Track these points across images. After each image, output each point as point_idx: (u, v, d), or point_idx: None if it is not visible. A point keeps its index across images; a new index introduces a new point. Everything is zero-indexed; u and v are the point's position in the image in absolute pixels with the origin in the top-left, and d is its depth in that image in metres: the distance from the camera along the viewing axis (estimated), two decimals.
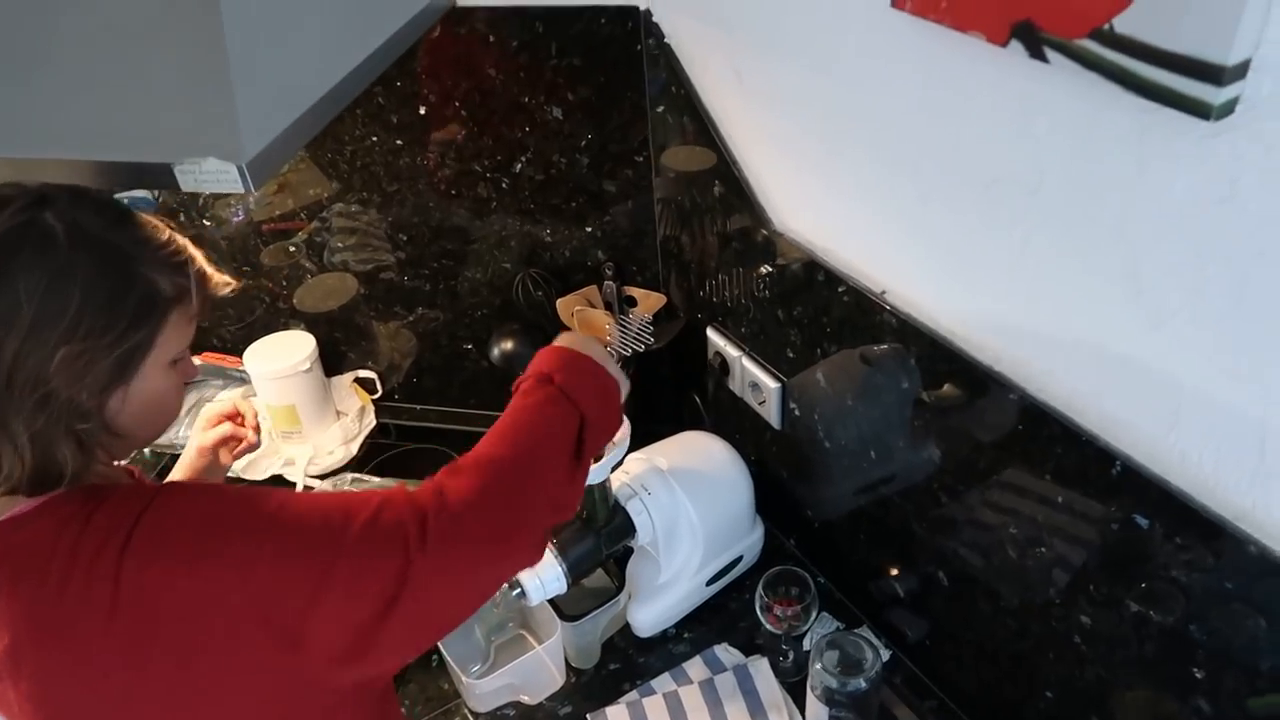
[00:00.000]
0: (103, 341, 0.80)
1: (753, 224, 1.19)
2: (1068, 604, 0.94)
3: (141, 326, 0.82)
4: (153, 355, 0.84)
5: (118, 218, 0.85)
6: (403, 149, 1.41)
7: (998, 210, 0.86)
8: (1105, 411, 0.84)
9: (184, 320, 0.87)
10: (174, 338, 0.86)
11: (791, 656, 1.26)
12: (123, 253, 0.82)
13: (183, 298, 0.86)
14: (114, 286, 0.81)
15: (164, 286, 0.84)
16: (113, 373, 0.81)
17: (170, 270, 0.85)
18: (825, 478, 1.27)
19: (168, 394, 0.88)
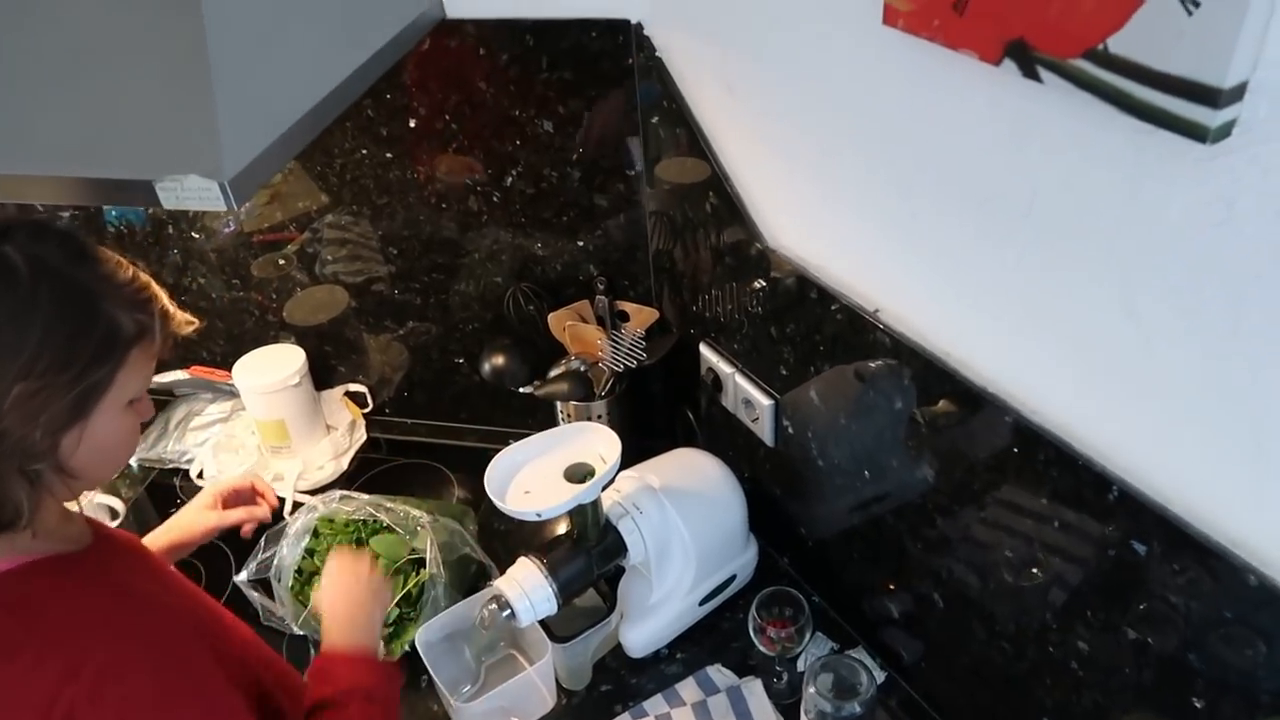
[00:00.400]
0: (60, 379, 0.77)
1: (745, 239, 1.18)
2: (1064, 628, 0.93)
3: (102, 365, 0.81)
4: (110, 395, 0.82)
5: (81, 253, 0.83)
6: (392, 162, 1.40)
7: (991, 229, 0.85)
8: (1102, 435, 0.82)
9: (144, 359, 0.85)
10: (133, 377, 0.84)
11: (786, 678, 1.24)
12: (86, 289, 0.81)
13: (144, 336, 0.84)
14: (76, 323, 0.79)
15: (126, 324, 0.82)
16: (69, 412, 0.79)
17: (133, 308, 0.83)
18: (819, 496, 1.25)
19: (123, 435, 0.86)
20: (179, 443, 1.67)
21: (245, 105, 0.87)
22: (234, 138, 0.85)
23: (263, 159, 0.88)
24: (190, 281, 1.65)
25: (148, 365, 0.87)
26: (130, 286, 0.85)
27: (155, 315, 0.86)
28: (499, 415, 1.66)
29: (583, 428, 1.17)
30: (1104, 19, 0.64)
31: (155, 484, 1.66)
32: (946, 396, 0.96)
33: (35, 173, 0.86)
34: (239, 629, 1.03)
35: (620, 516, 1.20)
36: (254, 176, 0.87)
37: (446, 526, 1.36)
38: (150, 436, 1.70)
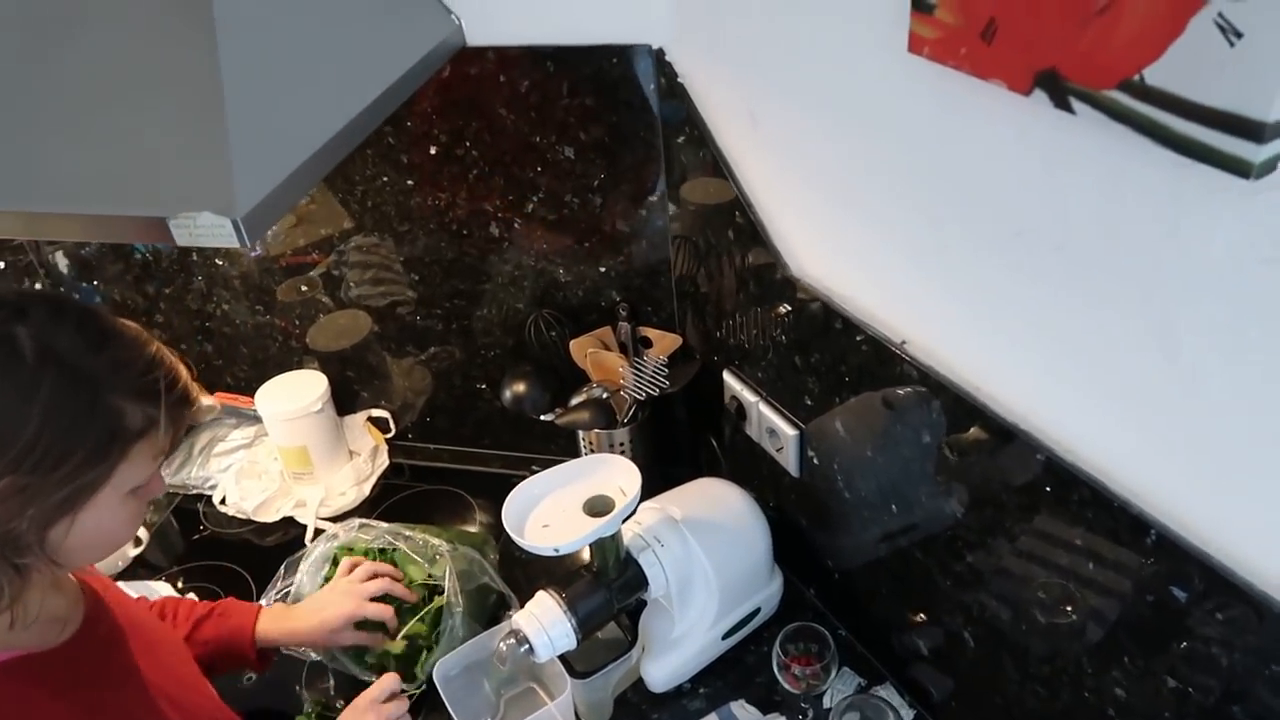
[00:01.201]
0: (52, 476, 0.74)
1: (769, 266, 1.15)
2: (1100, 672, 0.89)
3: (98, 463, 0.77)
4: (107, 489, 0.78)
5: (97, 339, 0.79)
6: (414, 189, 1.39)
7: (1022, 263, 0.82)
8: (1140, 477, 0.79)
9: (148, 453, 0.81)
10: (135, 471, 0.80)
11: (811, 715, 1.21)
12: (93, 379, 0.76)
13: (150, 431, 0.79)
14: (75, 416, 0.75)
15: (131, 418, 0.78)
16: (60, 507, 0.76)
17: (143, 399, 0.79)
18: (845, 528, 1.22)
19: (119, 525, 0.82)
20: (203, 469, 1.67)
21: (259, 141, 0.87)
22: (247, 174, 0.84)
23: (276, 195, 0.87)
24: (215, 308, 1.65)
25: (154, 459, 0.82)
26: (147, 376, 0.80)
27: (165, 409, 0.80)
28: (521, 441, 1.65)
29: (602, 460, 1.14)
30: (1140, 49, 0.61)
31: (179, 509, 1.66)
32: (976, 432, 0.93)
33: (48, 210, 0.86)
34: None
35: (641, 549, 1.18)
36: (268, 213, 0.86)
37: (466, 555, 1.35)
38: (175, 462, 1.70)
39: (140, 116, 0.86)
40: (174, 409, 0.82)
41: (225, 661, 1.17)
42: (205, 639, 1.15)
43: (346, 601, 1.20)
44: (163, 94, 0.87)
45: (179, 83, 0.86)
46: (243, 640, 1.17)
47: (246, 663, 1.19)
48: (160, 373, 0.81)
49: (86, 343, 0.78)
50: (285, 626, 1.19)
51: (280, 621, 1.20)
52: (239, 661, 1.19)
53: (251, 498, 1.58)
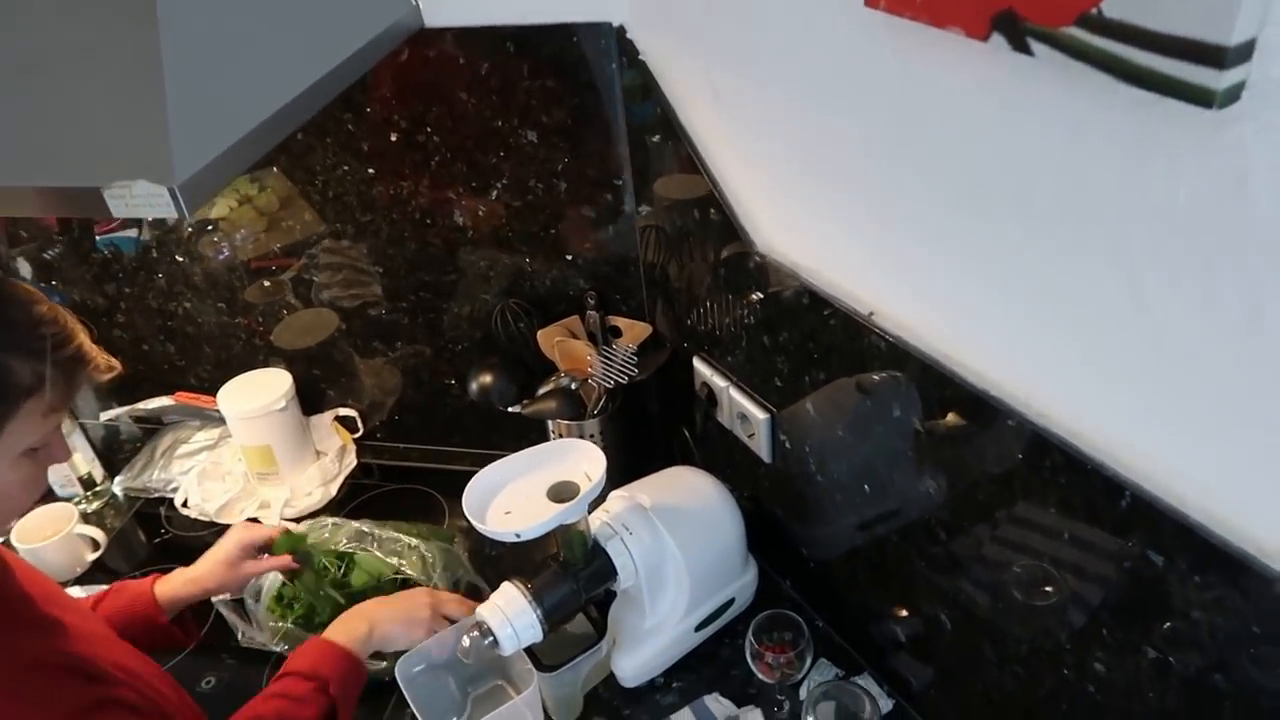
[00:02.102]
0: None
1: (736, 246, 1.13)
2: (1080, 650, 0.86)
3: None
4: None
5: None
6: (375, 178, 1.36)
7: (986, 220, 0.79)
8: (1112, 437, 0.76)
9: (43, 410, 0.81)
10: (28, 428, 0.80)
11: (787, 707, 1.17)
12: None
13: (38, 388, 0.79)
14: None
15: (19, 375, 0.78)
16: None
17: (31, 356, 0.79)
18: (819, 514, 1.19)
19: (14, 488, 0.82)
20: (164, 471, 1.63)
21: (199, 111, 0.84)
22: (185, 143, 0.81)
23: (216, 165, 0.84)
24: (177, 306, 1.61)
25: (50, 416, 0.82)
26: (34, 332, 0.80)
27: (59, 364, 0.81)
28: (492, 438, 1.61)
29: (568, 445, 1.11)
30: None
31: (140, 513, 1.62)
32: (947, 402, 0.90)
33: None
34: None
35: (609, 538, 1.14)
36: (207, 182, 0.83)
37: (438, 548, 1.31)
38: (136, 465, 1.66)
39: (75, 85, 0.83)
40: (65, 366, 0.81)
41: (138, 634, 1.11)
42: (106, 616, 1.11)
43: (232, 532, 1.25)
44: (99, 63, 0.83)
45: (116, 52, 0.83)
46: (146, 605, 1.15)
47: (160, 630, 1.16)
48: (48, 330, 0.81)
49: None
50: (184, 578, 1.19)
51: (178, 578, 1.20)
52: (153, 631, 1.15)
53: (214, 499, 1.54)
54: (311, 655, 1.06)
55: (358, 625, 1.11)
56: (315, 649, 1.07)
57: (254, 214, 1.50)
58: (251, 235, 1.51)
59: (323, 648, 1.07)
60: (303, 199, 1.44)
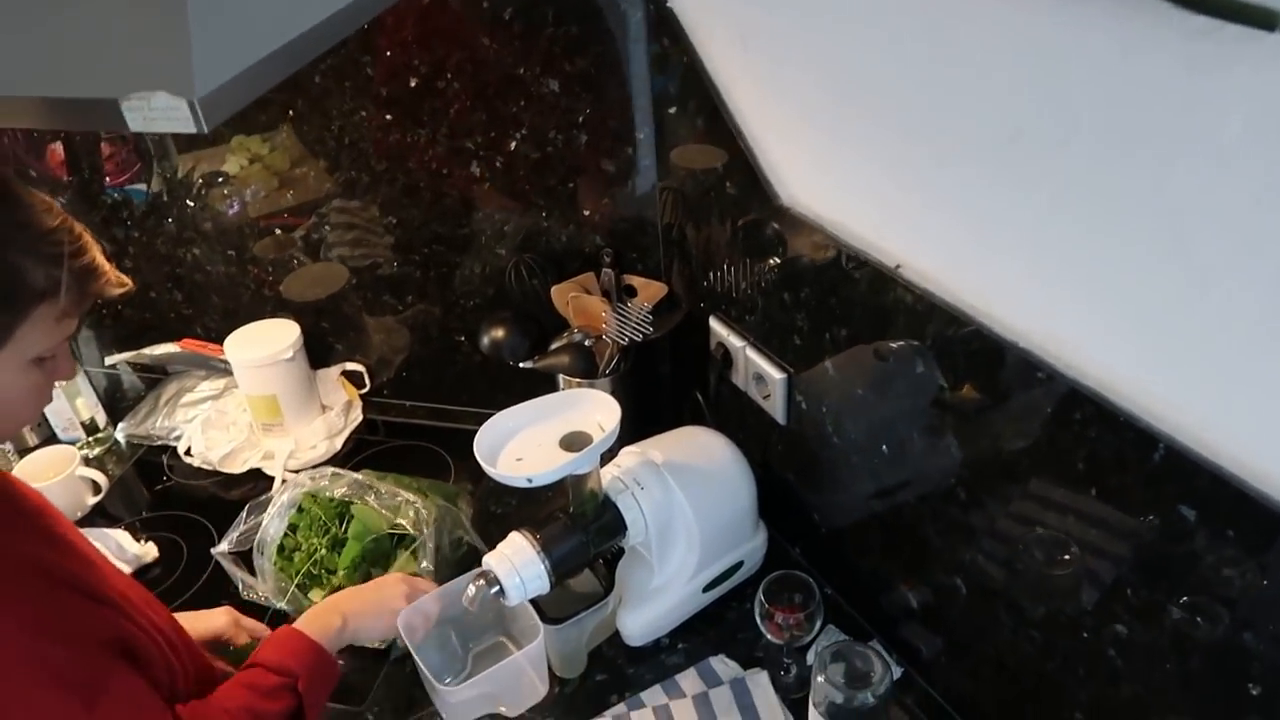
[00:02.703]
0: None
1: (759, 200, 1.11)
2: (1101, 613, 0.84)
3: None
4: (8, 350, 0.77)
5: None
6: (392, 124, 1.34)
7: (1022, 168, 0.77)
8: (1146, 390, 0.74)
9: (54, 316, 0.79)
10: (38, 335, 0.78)
11: (794, 671, 1.16)
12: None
13: (53, 293, 0.78)
14: None
15: (33, 276, 0.76)
16: None
17: (45, 261, 0.77)
18: (833, 478, 1.18)
19: (22, 393, 0.80)
20: (168, 419, 1.61)
21: (222, 26, 0.81)
22: (207, 58, 0.79)
23: (236, 84, 0.81)
24: (185, 253, 1.60)
25: (61, 323, 0.80)
26: (48, 237, 0.78)
27: (69, 272, 0.79)
28: (500, 398, 1.56)
29: (581, 394, 1.09)
30: None
31: (142, 461, 1.60)
32: (974, 356, 0.88)
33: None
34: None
35: (619, 492, 1.13)
36: (225, 101, 0.80)
37: (437, 505, 1.29)
38: (140, 413, 1.64)
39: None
40: (78, 275, 0.79)
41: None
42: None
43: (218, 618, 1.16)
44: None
45: None
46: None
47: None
48: (65, 237, 0.79)
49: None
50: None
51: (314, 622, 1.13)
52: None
53: (218, 448, 1.53)
54: (282, 647, 1.00)
55: (330, 619, 1.05)
56: (286, 641, 1.01)
57: (265, 173, 1.49)
58: (262, 192, 1.50)
59: (294, 640, 1.01)
60: (314, 158, 1.42)
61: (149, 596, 0.97)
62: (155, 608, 0.96)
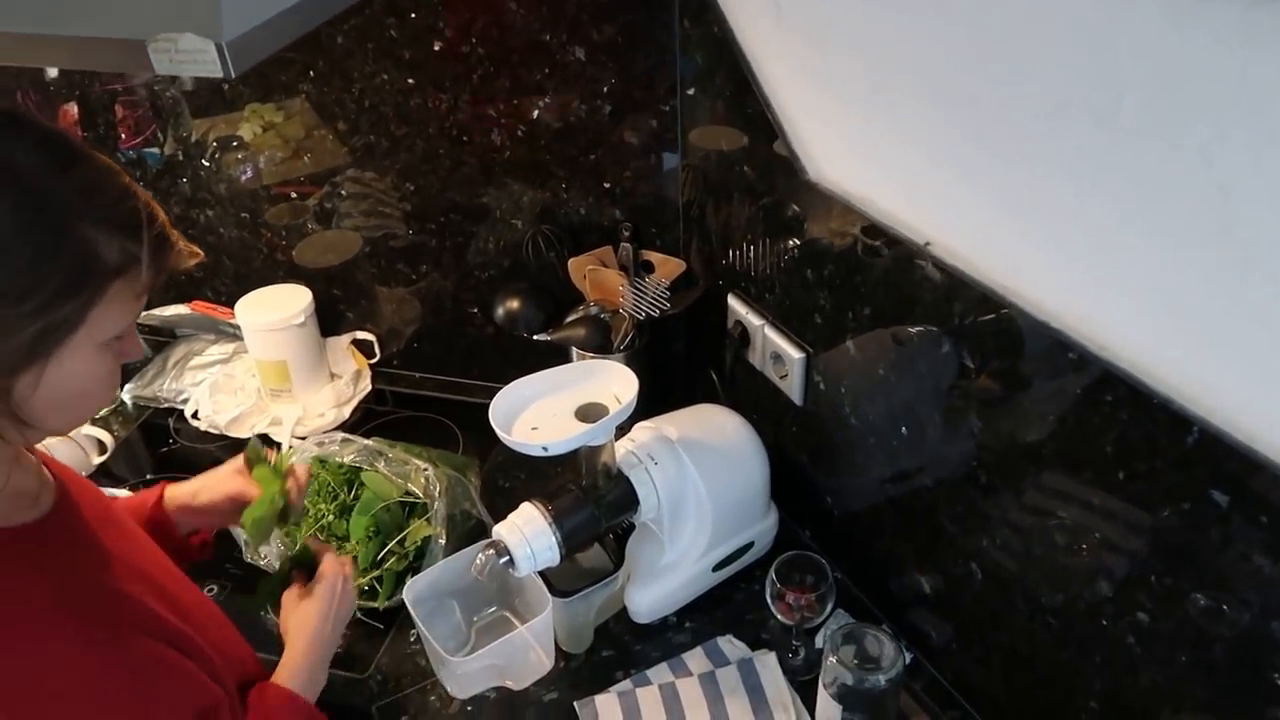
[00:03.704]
0: (18, 311, 0.64)
1: (785, 174, 1.09)
2: (1122, 600, 0.83)
3: (71, 298, 0.67)
4: (81, 334, 0.69)
5: (63, 157, 0.68)
6: (414, 89, 1.33)
7: (1064, 143, 0.76)
8: (1182, 372, 0.73)
9: (128, 295, 0.71)
10: (113, 315, 0.70)
11: (802, 654, 1.15)
12: (60, 203, 0.67)
13: (130, 268, 0.70)
14: (41, 244, 0.65)
15: (107, 252, 0.68)
16: (27, 351, 0.66)
17: (120, 232, 0.69)
18: (849, 460, 1.16)
19: (95, 379, 0.72)
20: (176, 381, 1.60)
21: None
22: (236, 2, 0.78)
23: (263, 30, 0.81)
24: (199, 214, 1.58)
25: (134, 302, 0.72)
26: (121, 205, 0.70)
27: (147, 244, 0.71)
28: (511, 372, 1.55)
29: (598, 365, 1.08)
30: None
31: (148, 423, 1.59)
32: (1002, 335, 0.87)
33: (18, 30, 0.79)
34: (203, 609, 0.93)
35: (633, 466, 1.11)
36: (252, 46, 0.79)
37: (447, 475, 1.28)
38: (147, 374, 1.63)
39: None
40: (154, 245, 0.71)
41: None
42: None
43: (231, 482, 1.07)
44: None
45: None
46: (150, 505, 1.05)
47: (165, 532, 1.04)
48: (139, 203, 0.71)
49: (50, 161, 0.67)
50: (185, 488, 1.07)
51: (181, 485, 1.07)
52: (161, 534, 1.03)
53: (225, 411, 1.51)
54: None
55: (309, 658, 0.96)
56: (279, 707, 0.91)
57: (279, 141, 1.48)
58: (277, 156, 1.48)
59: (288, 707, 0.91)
60: (329, 127, 1.41)
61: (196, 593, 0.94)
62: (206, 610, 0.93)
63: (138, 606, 0.78)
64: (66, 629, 0.72)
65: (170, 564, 0.93)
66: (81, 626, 0.73)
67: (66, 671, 0.71)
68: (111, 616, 0.75)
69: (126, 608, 0.77)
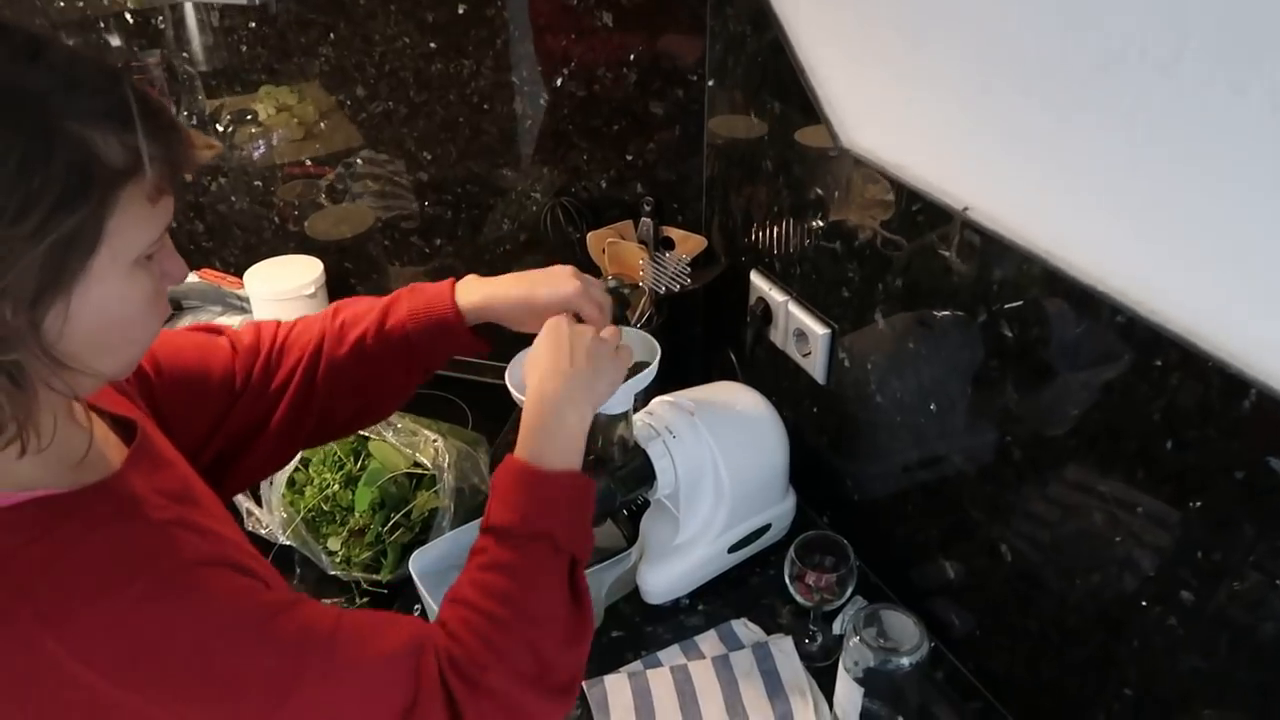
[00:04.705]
0: (18, 230, 0.55)
1: (818, 142, 1.06)
2: (1164, 578, 0.79)
3: (77, 208, 0.57)
4: (105, 251, 0.59)
5: (29, 48, 0.57)
6: (435, 53, 1.30)
7: (1117, 96, 0.73)
8: (1239, 334, 0.69)
9: (143, 201, 0.60)
10: (134, 227, 0.60)
11: (819, 640, 1.11)
12: (38, 99, 0.56)
13: (136, 168, 0.59)
14: (28, 149, 0.55)
15: (105, 150, 0.57)
16: (42, 276, 0.57)
17: (116, 126, 0.58)
18: (872, 441, 1.13)
19: (133, 305, 0.62)
20: None
21: None
22: None
23: None
24: (210, 182, 1.55)
25: (152, 209, 0.61)
26: (110, 95, 0.58)
27: (152, 134, 0.59)
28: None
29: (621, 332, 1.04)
30: None
31: None
32: (1046, 301, 0.83)
33: None
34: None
35: (651, 439, 1.08)
36: None
37: (457, 447, 1.25)
38: None
39: None
40: (161, 136, 0.60)
41: (432, 340, 0.95)
42: (403, 319, 0.94)
43: (566, 283, 0.94)
44: None
45: None
46: (444, 306, 0.94)
47: (455, 335, 0.96)
48: (127, 90, 0.59)
49: (13, 53, 0.57)
50: (484, 290, 0.95)
51: (478, 285, 0.96)
52: (447, 336, 0.96)
53: None
54: (517, 498, 0.80)
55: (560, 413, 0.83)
56: (517, 484, 0.80)
57: (292, 122, 1.45)
58: (289, 140, 1.46)
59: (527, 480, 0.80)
60: (345, 97, 1.39)
61: None
62: None
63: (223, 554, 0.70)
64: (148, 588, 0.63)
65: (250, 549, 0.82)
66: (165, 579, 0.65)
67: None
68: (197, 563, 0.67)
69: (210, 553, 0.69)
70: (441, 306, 0.94)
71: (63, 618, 0.59)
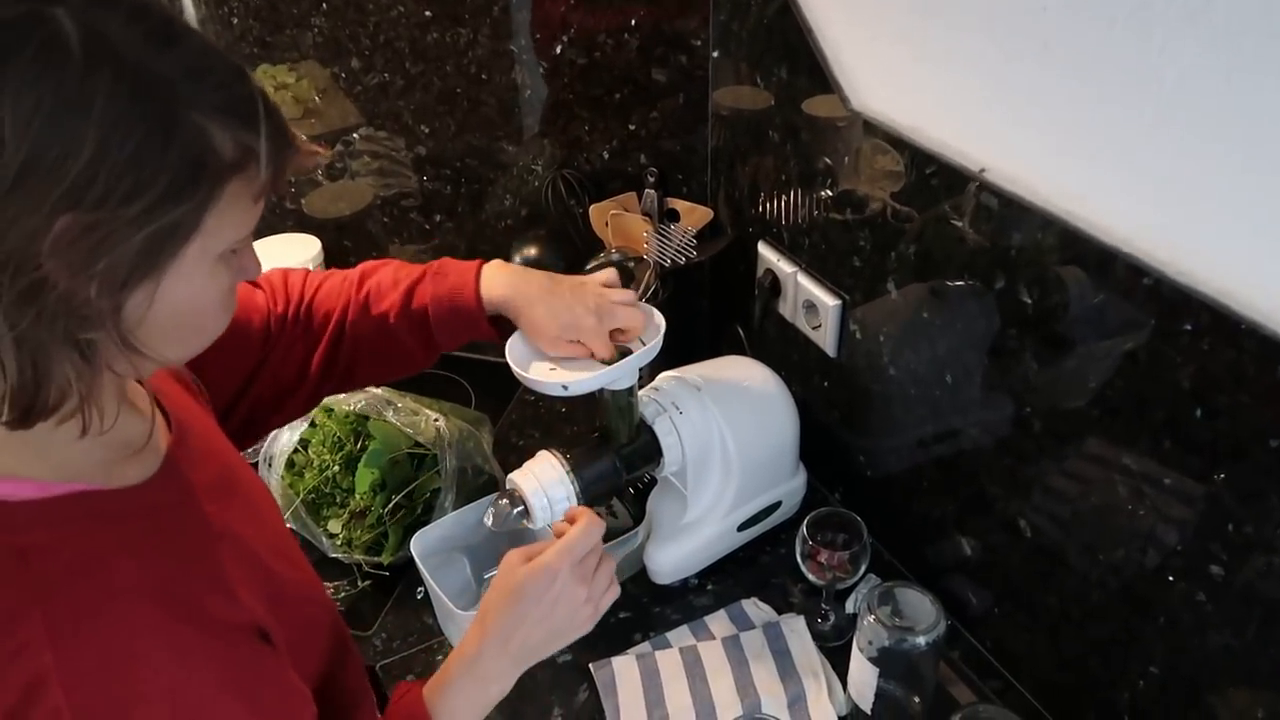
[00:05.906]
0: (124, 213, 0.54)
1: (828, 106, 1.03)
2: (1193, 552, 0.76)
3: (184, 198, 0.56)
4: (197, 242, 0.58)
5: (164, 33, 0.56)
6: (431, 22, 1.26)
7: (1146, 41, 0.69)
8: (1275, 295, 0.66)
9: (245, 198, 0.60)
10: (231, 222, 0.60)
11: (832, 619, 1.08)
12: (165, 86, 0.55)
13: (247, 165, 0.58)
14: (148, 134, 0.54)
15: (223, 144, 0.57)
16: (137, 261, 0.56)
17: (235, 121, 0.57)
18: (885, 415, 1.10)
19: (212, 299, 0.63)
20: None
21: None
22: None
23: None
24: None
25: (252, 206, 0.61)
26: (235, 90, 0.58)
27: (264, 135, 0.59)
28: None
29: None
30: None
31: None
32: (1066, 265, 0.80)
33: None
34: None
35: (657, 415, 1.05)
36: None
37: (459, 427, 1.22)
38: None
39: None
40: (275, 139, 0.59)
41: (452, 331, 0.96)
42: (425, 303, 0.94)
43: (584, 317, 0.93)
44: None
45: None
46: (468, 298, 0.94)
47: (475, 326, 0.96)
48: (253, 89, 0.59)
49: (151, 36, 0.55)
50: (510, 280, 0.95)
51: (504, 279, 0.95)
52: (468, 327, 0.96)
53: None
54: None
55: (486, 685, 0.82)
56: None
57: (290, 101, 1.42)
58: (286, 119, 1.43)
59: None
60: (339, 83, 1.36)
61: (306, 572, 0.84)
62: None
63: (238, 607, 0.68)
64: (152, 626, 0.61)
65: (288, 543, 0.82)
66: (171, 625, 0.62)
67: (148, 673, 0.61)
68: (206, 617, 0.65)
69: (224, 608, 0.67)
70: (465, 298, 0.95)
71: (70, 633, 0.57)
